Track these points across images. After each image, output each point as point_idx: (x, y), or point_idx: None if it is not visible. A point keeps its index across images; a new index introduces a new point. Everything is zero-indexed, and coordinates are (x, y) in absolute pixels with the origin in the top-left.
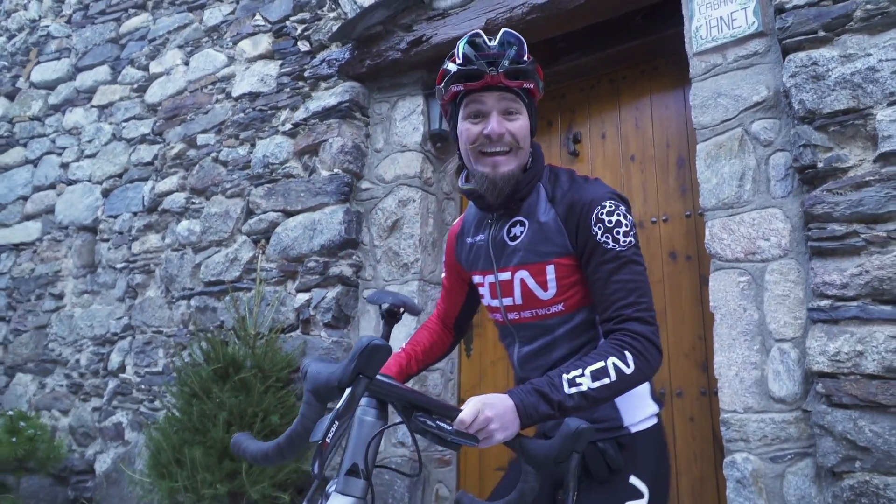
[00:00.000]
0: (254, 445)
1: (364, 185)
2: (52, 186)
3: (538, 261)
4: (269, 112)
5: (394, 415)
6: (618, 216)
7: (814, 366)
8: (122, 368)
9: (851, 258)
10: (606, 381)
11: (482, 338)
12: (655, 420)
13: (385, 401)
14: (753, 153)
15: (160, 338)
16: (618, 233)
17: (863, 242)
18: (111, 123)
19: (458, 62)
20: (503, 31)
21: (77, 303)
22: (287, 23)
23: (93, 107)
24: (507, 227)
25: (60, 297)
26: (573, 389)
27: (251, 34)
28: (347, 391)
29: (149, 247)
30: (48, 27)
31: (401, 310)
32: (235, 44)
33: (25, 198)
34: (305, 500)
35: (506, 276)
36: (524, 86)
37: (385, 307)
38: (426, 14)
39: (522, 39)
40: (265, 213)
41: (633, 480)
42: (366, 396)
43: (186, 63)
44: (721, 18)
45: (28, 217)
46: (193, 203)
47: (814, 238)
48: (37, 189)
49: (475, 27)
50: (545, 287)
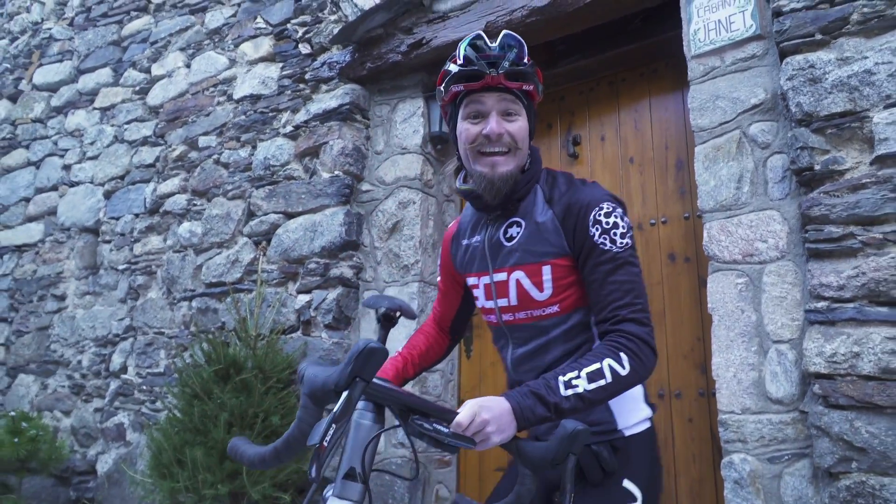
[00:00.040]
0: (251, 450)
1: (364, 187)
2: (55, 188)
3: (534, 261)
4: (271, 114)
5: (391, 418)
6: (615, 218)
7: (811, 367)
8: (124, 369)
9: (848, 260)
10: (602, 383)
11: (482, 339)
12: (649, 424)
13: (382, 404)
14: (751, 155)
15: (162, 339)
16: (615, 234)
17: (859, 244)
18: (113, 125)
19: (460, 63)
20: (504, 34)
21: (79, 304)
22: (288, 25)
23: (95, 109)
24: (504, 228)
25: (62, 299)
26: (569, 391)
27: (252, 37)
28: (344, 395)
29: (150, 248)
30: (50, 30)
31: (397, 314)
32: (237, 46)
33: (28, 199)
34: None
35: (501, 277)
36: (524, 87)
37: (381, 311)
38: (426, 17)
39: (523, 42)
40: (266, 215)
41: (627, 484)
42: (362, 400)
43: (188, 65)
44: (719, 21)
45: (30, 218)
46: (195, 205)
47: (811, 240)
48: (39, 191)
49: (475, 30)
50: (541, 288)
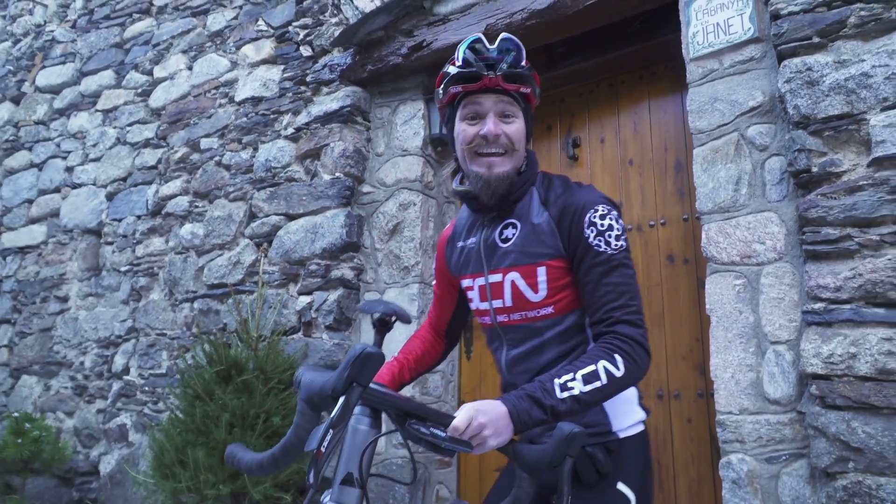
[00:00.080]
0: (248, 456)
1: (365, 189)
2: (57, 190)
3: (530, 262)
4: (272, 116)
5: (388, 422)
6: (610, 220)
7: (808, 368)
8: (126, 370)
9: (845, 261)
10: (598, 385)
11: (482, 340)
12: (643, 427)
13: (379, 409)
14: (749, 157)
15: (164, 340)
16: (610, 236)
17: (856, 246)
18: (115, 127)
19: (458, 64)
20: (502, 37)
21: (82, 305)
22: (289, 28)
23: (97, 111)
24: (500, 230)
25: (65, 300)
26: (565, 394)
27: (254, 39)
28: (341, 400)
29: (152, 250)
30: (53, 32)
31: (392, 318)
32: (238, 49)
33: (31, 201)
34: None
35: (496, 278)
36: (521, 90)
37: (377, 316)
38: (427, 20)
39: (521, 45)
40: (267, 217)
41: (621, 487)
42: (359, 405)
43: (190, 68)
44: (717, 24)
45: (33, 220)
46: (197, 207)
47: (808, 242)
48: (42, 192)
49: (475, 32)
50: (535, 289)
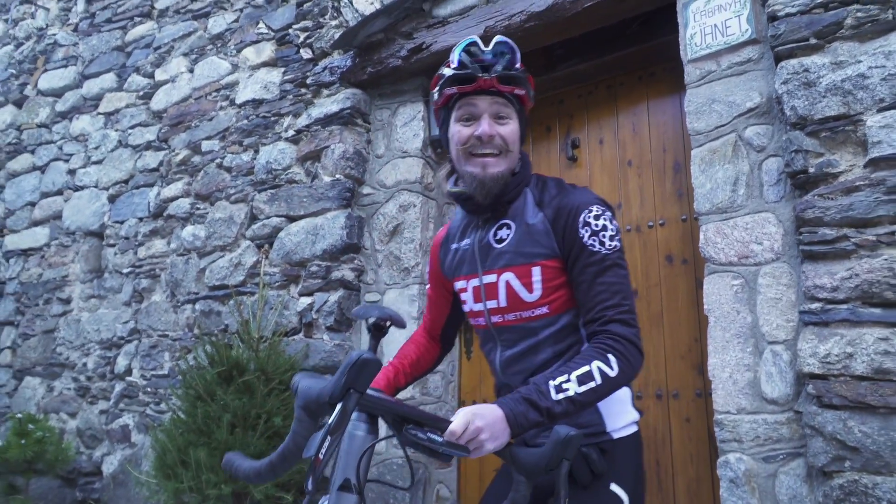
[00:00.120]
0: (246, 464)
1: (365, 191)
2: (60, 192)
3: (525, 262)
4: (273, 118)
5: (385, 428)
6: (604, 221)
7: (805, 367)
8: (129, 372)
9: (842, 262)
10: (592, 385)
11: None
12: (636, 427)
13: (375, 414)
14: (747, 158)
15: (166, 341)
16: (604, 236)
17: (853, 246)
18: (117, 130)
19: (454, 66)
20: (497, 39)
21: (84, 307)
22: (290, 31)
23: (99, 114)
24: (494, 231)
25: (68, 302)
26: (560, 395)
27: (254, 42)
28: (339, 406)
29: (154, 252)
30: (55, 35)
31: (387, 323)
32: (239, 51)
33: (33, 204)
34: None
35: (491, 279)
36: (515, 91)
37: (371, 321)
38: (426, 22)
39: (515, 48)
40: (268, 219)
41: (614, 488)
42: (356, 411)
43: (191, 70)
44: (715, 26)
45: (36, 223)
46: (198, 209)
47: (805, 242)
48: (44, 195)
49: (474, 35)
50: (530, 289)
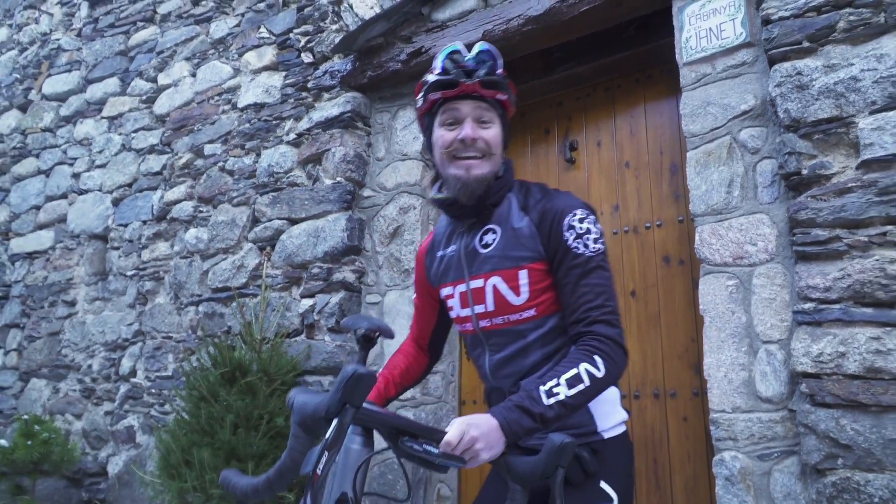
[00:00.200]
0: (243, 481)
1: (366, 193)
2: (64, 196)
3: (511, 266)
4: (274, 122)
5: (381, 440)
6: (588, 224)
7: (798, 367)
8: (133, 373)
9: (834, 262)
10: (581, 387)
11: None
12: (624, 427)
13: (371, 428)
14: (741, 160)
15: (170, 343)
16: (588, 239)
17: (845, 247)
18: (121, 134)
19: (437, 72)
20: (480, 46)
21: (89, 309)
22: (291, 35)
23: (103, 118)
24: (480, 236)
25: (73, 304)
26: (552, 400)
27: (256, 46)
28: (335, 422)
29: (158, 254)
30: (59, 40)
31: (376, 334)
32: (241, 56)
33: (38, 207)
34: None
35: (478, 284)
36: (497, 96)
37: (360, 333)
38: (425, 26)
39: (497, 55)
40: (270, 221)
41: (604, 486)
42: (351, 424)
43: (193, 75)
44: (710, 29)
45: (41, 226)
46: (201, 211)
47: (798, 243)
48: (49, 199)
49: (473, 38)
50: (517, 292)
